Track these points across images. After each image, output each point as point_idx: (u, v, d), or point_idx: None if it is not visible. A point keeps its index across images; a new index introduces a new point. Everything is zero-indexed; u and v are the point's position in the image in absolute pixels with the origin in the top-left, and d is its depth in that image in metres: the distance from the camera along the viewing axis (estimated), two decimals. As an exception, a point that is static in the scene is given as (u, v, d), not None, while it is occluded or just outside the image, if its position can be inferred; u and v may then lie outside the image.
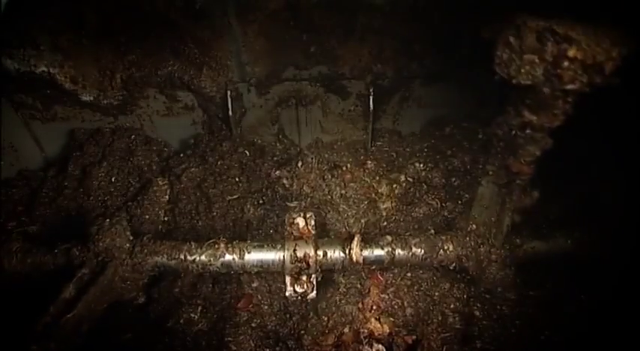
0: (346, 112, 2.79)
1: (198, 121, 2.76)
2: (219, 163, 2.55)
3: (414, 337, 2.01)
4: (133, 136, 2.65)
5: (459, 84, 2.68)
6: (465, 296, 2.08)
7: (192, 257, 1.90)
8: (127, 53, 2.45)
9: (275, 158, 2.73)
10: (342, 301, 2.09)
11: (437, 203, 2.32)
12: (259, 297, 2.11)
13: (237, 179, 2.50)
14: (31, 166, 2.67)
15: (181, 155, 2.65)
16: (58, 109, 2.59)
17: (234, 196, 2.45)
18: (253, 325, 2.04)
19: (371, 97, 2.58)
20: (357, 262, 1.88)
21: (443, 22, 2.31)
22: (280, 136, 2.84)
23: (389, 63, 2.55)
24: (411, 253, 1.91)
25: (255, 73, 2.56)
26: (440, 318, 2.04)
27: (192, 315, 2.07)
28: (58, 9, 2.21)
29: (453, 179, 2.46)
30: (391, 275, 2.18)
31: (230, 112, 2.58)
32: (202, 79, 2.52)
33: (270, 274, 2.13)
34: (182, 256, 1.90)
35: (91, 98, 2.52)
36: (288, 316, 2.08)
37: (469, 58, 2.44)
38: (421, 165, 2.56)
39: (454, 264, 1.94)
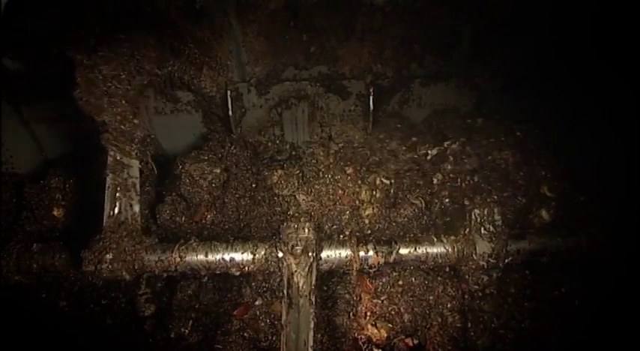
0: (346, 113, 2.79)
1: (198, 121, 2.76)
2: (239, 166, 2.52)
3: (417, 341, 2.00)
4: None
5: (459, 84, 2.67)
6: (460, 293, 2.06)
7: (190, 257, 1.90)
8: (127, 53, 2.45)
9: (273, 158, 2.71)
10: (331, 314, 2.06)
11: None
12: (258, 312, 2.08)
13: (254, 185, 2.47)
14: (30, 167, 2.66)
15: (193, 154, 2.51)
16: (58, 109, 2.58)
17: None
18: (245, 335, 2.02)
19: (371, 97, 2.57)
20: (357, 263, 1.88)
21: (442, 22, 2.31)
22: (279, 137, 2.83)
23: (389, 63, 2.54)
24: (408, 254, 1.90)
25: (255, 73, 2.55)
26: (440, 320, 2.02)
27: (183, 330, 2.06)
28: (58, 9, 2.20)
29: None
30: (381, 283, 2.14)
31: (230, 112, 2.57)
32: (202, 79, 2.51)
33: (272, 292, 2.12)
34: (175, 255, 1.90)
35: (91, 98, 2.51)
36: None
37: (469, 58, 2.44)
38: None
39: (450, 265, 1.93)
